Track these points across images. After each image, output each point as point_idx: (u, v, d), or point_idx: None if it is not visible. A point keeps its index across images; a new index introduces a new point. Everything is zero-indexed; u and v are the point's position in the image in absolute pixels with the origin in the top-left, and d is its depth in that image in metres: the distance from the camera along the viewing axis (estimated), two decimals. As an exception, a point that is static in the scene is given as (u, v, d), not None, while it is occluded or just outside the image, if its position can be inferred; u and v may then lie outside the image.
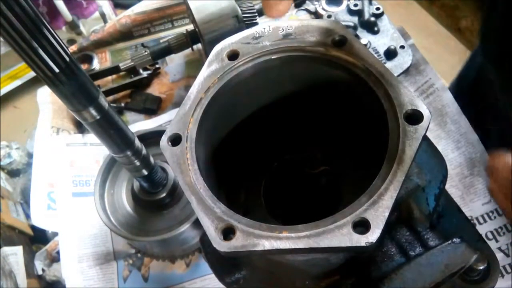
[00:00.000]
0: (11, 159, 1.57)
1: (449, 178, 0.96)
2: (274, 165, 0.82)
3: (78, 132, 1.43)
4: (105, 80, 1.55)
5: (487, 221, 1.17)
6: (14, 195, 1.49)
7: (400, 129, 0.55)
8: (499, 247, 1.14)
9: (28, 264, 1.25)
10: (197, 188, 0.57)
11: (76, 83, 0.65)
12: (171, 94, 1.50)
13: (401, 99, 0.57)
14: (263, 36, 0.68)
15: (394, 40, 1.42)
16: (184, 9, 1.63)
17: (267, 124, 0.76)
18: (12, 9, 0.51)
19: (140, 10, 1.63)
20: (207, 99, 0.65)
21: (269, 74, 0.69)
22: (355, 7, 1.50)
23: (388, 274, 0.62)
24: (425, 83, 1.34)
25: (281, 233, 0.51)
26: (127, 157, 0.87)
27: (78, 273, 1.20)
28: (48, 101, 1.46)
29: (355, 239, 0.49)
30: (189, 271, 1.19)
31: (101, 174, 1.12)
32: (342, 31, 0.65)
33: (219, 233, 0.53)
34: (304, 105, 0.75)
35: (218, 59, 0.67)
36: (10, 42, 0.54)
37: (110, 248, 1.24)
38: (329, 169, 0.80)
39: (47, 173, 1.35)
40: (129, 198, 1.14)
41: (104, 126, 0.76)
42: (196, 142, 0.62)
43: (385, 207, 0.50)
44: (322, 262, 0.65)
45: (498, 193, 1.16)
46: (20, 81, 3.02)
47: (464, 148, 1.24)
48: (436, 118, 1.29)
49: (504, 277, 1.11)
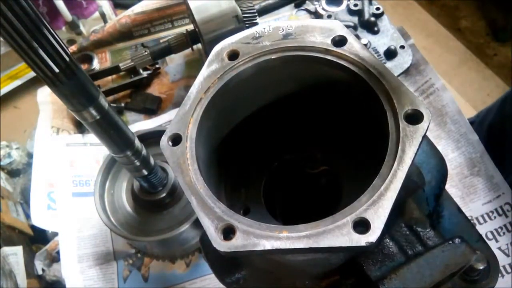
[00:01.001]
0: (11, 159, 1.57)
1: (449, 178, 0.96)
2: (274, 165, 0.82)
3: (78, 132, 1.43)
4: (105, 80, 1.55)
5: (487, 221, 1.17)
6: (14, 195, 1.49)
7: (400, 129, 0.55)
8: (499, 247, 1.14)
9: (28, 264, 1.25)
10: (197, 188, 0.57)
11: (76, 83, 0.65)
12: (171, 94, 1.50)
13: (401, 99, 0.57)
14: (263, 36, 0.68)
15: (394, 40, 1.42)
16: (184, 9, 1.63)
17: (267, 124, 0.76)
18: (12, 9, 0.51)
19: (140, 10, 1.63)
20: (207, 99, 0.65)
21: (269, 74, 0.69)
22: (355, 7, 1.50)
23: (388, 274, 0.62)
24: (425, 83, 1.34)
25: (281, 233, 0.51)
26: (127, 157, 0.87)
27: (78, 273, 1.20)
28: (48, 101, 1.47)
29: (355, 239, 0.49)
30: (189, 271, 1.19)
31: (101, 174, 1.12)
32: (342, 31, 0.65)
33: (219, 233, 0.53)
34: (304, 105, 0.75)
35: (218, 59, 0.67)
36: (10, 42, 0.54)
37: (110, 248, 1.24)
38: (329, 169, 0.80)
39: (47, 173, 1.35)
40: (129, 198, 1.14)
41: (104, 126, 0.76)
42: (196, 142, 0.62)
43: (385, 207, 0.50)
44: (322, 262, 0.65)
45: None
46: (20, 81, 3.02)
47: (464, 148, 1.24)
48: (436, 118, 1.29)
49: (504, 277, 1.11)
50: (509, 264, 1.12)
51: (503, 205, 1.17)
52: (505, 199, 1.17)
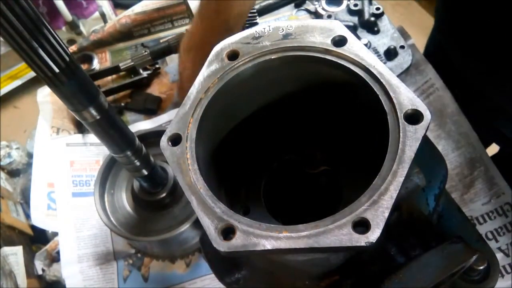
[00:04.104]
0: (11, 159, 1.56)
1: (449, 178, 0.97)
2: (274, 165, 0.82)
3: (78, 132, 1.43)
4: (105, 80, 1.54)
5: (487, 221, 1.17)
6: (14, 195, 1.49)
7: (400, 129, 0.55)
8: (499, 247, 1.14)
9: (28, 264, 1.25)
10: (197, 188, 0.57)
11: (76, 83, 0.65)
12: (171, 94, 1.50)
13: (401, 99, 0.57)
14: (263, 36, 0.68)
15: (394, 40, 1.42)
16: (184, 9, 1.63)
17: (267, 124, 0.76)
18: (12, 9, 0.51)
19: (140, 10, 1.63)
20: (207, 99, 0.65)
21: (269, 74, 0.69)
22: (355, 7, 1.50)
23: (388, 274, 0.62)
24: (425, 83, 1.34)
25: (281, 233, 0.51)
26: (127, 157, 0.87)
27: (78, 273, 1.20)
28: (48, 101, 1.46)
29: (355, 239, 0.49)
30: (189, 271, 1.19)
31: (101, 174, 1.12)
32: (342, 31, 0.65)
33: (219, 233, 0.53)
34: (304, 105, 0.75)
35: (218, 59, 0.67)
36: (10, 42, 0.54)
37: (110, 248, 1.24)
38: (329, 169, 0.80)
39: (47, 173, 1.35)
40: (129, 198, 1.14)
41: (104, 126, 0.76)
42: (196, 142, 0.62)
43: (385, 207, 0.50)
44: (322, 262, 0.65)
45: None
46: (20, 81, 3.02)
47: (464, 148, 1.24)
48: (436, 118, 1.29)
49: (504, 277, 1.11)
50: (509, 264, 1.12)
51: (503, 205, 1.17)
52: (505, 199, 1.17)
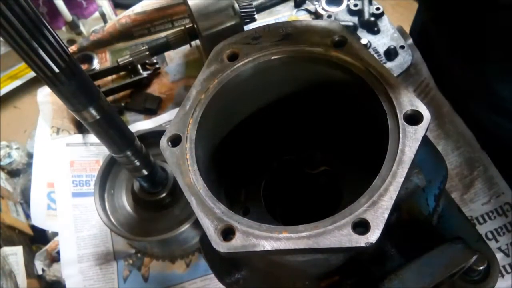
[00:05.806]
0: (11, 159, 1.56)
1: (449, 178, 0.96)
2: (274, 165, 0.82)
3: (78, 132, 1.43)
4: (105, 80, 1.54)
5: (487, 221, 1.17)
6: (14, 195, 1.48)
7: (399, 130, 0.55)
8: (499, 247, 1.14)
9: (28, 264, 1.25)
10: (197, 189, 0.57)
11: (76, 83, 0.65)
12: (171, 94, 1.50)
13: (400, 99, 0.57)
14: (263, 36, 0.68)
15: (394, 40, 1.42)
16: (184, 9, 1.63)
17: (267, 124, 0.76)
18: (12, 9, 0.51)
19: (140, 10, 1.63)
20: (207, 99, 0.65)
21: (269, 74, 0.69)
22: (355, 7, 1.50)
23: (388, 275, 0.62)
24: (421, 82, 1.34)
25: (281, 234, 0.51)
26: (127, 157, 0.87)
27: (78, 273, 1.20)
28: (48, 101, 1.46)
29: (354, 240, 0.49)
30: (189, 271, 1.19)
31: (101, 174, 1.12)
32: (342, 31, 0.65)
33: (219, 233, 0.53)
34: (304, 106, 0.75)
35: (218, 59, 0.67)
36: (10, 42, 0.54)
37: (110, 248, 1.24)
38: (329, 169, 0.80)
39: (47, 173, 1.35)
40: (129, 198, 1.14)
41: (104, 126, 0.76)
42: (195, 142, 0.62)
43: (384, 208, 0.50)
44: (322, 263, 0.65)
45: None
46: (20, 81, 3.02)
47: (463, 148, 1.23)
48: (435, 118, 1.29)
49: (504, 277, 1.11)
50: (509, 264, 1.12)
51: (503, 205, 1.17)
52: (505, 199, 1.16)
